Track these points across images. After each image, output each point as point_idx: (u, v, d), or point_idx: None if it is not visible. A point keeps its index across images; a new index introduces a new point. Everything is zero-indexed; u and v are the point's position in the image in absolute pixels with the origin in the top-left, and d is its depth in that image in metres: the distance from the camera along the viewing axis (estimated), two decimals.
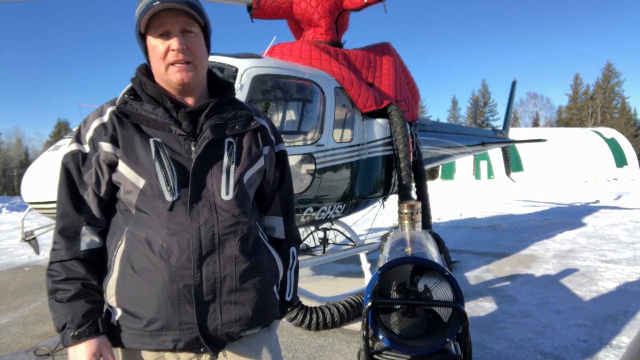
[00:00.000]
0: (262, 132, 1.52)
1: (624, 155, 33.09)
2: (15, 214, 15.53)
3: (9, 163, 53.47)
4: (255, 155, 1.46)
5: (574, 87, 60.40)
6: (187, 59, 1.34)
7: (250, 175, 1.45)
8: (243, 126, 1.46)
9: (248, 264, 1.37)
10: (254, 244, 1.42)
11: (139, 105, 1.38)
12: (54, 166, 3.73)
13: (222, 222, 1.33)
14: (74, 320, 1.30)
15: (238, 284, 1.35)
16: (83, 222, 1.36)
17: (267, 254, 1.48)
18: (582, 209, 14.09)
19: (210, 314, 1.32)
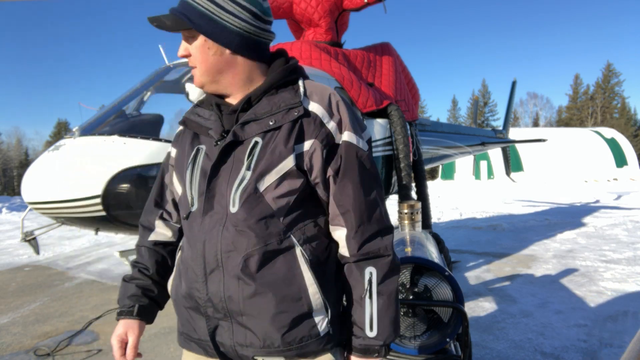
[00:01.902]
0: (307, 122, 1.23)
1: (624, 155, 33.09)
2: (15, 214, 15.52)
3: (9, 163, 53.46)
4: (280, 155, 1.20)
5: (574, 87, 60.41)
6: (192, 64, 1.29)
7: (271, 182, 1.21)
8: (279, 119, 1.23)
9: (254, 287, 1.20)
10: (267, 262, 1.21)
11: (201, 111, 1.37)
12: (54, 166, 3.73)
13: (226, 237, 1.21)
14: (120, 299, 1.44)
15: (243, 307, 1.21)
16: (157, 217, 1.49)
17: (289, 274, 1.22)
18: (582, 209, 14.09)
19: (224, 331, 1.25)
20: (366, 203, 1.25)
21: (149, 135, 3.91)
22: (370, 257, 1.25)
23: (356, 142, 1.25)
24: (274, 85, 1.28)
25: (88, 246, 8.92)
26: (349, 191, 1.24)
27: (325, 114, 1.25)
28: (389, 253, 1.26)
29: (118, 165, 3.56)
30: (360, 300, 1.25)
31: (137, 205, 3.68)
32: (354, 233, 1.24)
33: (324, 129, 1.23)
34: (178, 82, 4.68)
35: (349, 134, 1.25)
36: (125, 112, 4.43)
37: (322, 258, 1.27)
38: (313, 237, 1.26)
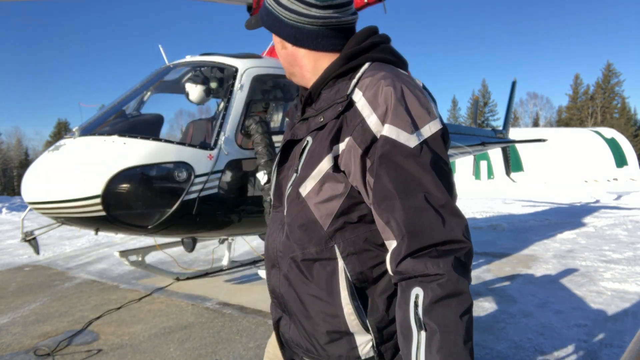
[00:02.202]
0: (348, 118, 1.08)
1: (624, 155, 33.09)
2: (15, 214, 15.51)
3: (9, 163, 53.46)
4: (318, 157, 1.10)
5: (574, 87, 60.43)
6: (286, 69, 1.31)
7: (311, 187, 1.11)
8: (327, 116, 1.12)
9: (295, 292, 1.18)
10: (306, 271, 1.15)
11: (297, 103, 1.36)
12: (54, 166, 3.73)
13: (280, 237, 1.20)
14: None
15: (292, 307, 1.21)
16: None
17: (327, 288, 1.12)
18: (582, 209, 14.08)
19: (284, 323, 1.28)
20: (412, 208, 0.99)
21: (149, 135, 3.91)
22: (415, 275, 0.98)
23: (396, 137, 1.02)
24: (329, 78, 1.17)
25: (88, 246, 8.92)
26: (387, 194, 1.02)
27: (367, 106, 1.06)
28: (443, 273, 0.95)
29: (118, 165, 3.56)
30: (407, 331, 0.98)
31: (137, 205, 3.68)
32: (399, 245, 1.01)
33: (362, 124, 1.05)
34: (178, 82, 4.68)
35: (389, 128, 1.02)
36: (125, 112, 4.43)
37: (369, 275, 1.11)
38: (361, 251, 1.10)
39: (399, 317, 1.01)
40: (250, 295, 5.25)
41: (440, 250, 0.98)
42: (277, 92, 5.07)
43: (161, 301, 5.13)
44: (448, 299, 0.95)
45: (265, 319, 4.41)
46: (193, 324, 4.36)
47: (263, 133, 4.00)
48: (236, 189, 4.19)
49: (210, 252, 7.08)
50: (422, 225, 0.98)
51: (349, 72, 1.15)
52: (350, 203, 1.09)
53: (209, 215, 4.03)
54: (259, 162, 3.93)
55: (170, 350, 3.75)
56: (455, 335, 0.93)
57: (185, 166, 3.79)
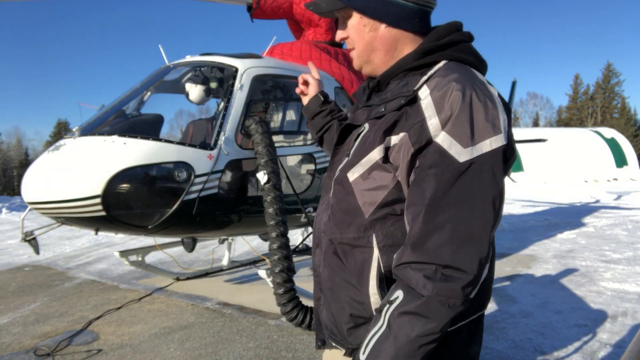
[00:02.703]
0: (409, 113, 1.06)
1: (624, 155, 33.06)
2: (15, 214, 15.51)
3: (9, 163, 53.44)
4: (370, 146, 1.10)
5: (574, 87, 60.39)
6: (351, 46, 1.24)
7: (359, 173, 1.12)
8: (389, 107, 1.11)
9: (328, 273, 1.22)
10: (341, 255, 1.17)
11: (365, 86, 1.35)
12: (54, 166, 3.72)
13: (325, 217, 1.24)
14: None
15: (325, 288, 1.25)
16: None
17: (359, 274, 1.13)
18: (582, 209, 14.08)
19: (320, 303, 1.31)
20: (431, 224, 0.98)
21: (149, 135, 3.90)
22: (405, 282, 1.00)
23: (448, 148, 0.98)
24: (400, 70, 1.15)
25: (88, 246, 8.92)
26: (416, 200, 1.01)
27: (431, 106, 1.02)
28: (425, 295, 0.95)
29: (118, 165, 3.56)
30: (378, 315, 1.04)
31: (137, 205, 3.68)
32: (402, 248, 1.04)
33: (421, 124, 1.02)
34: (178, 82, 4.68)
35: (444, 137, 0.99)
36: (125, 112, 4.43)
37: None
38: (398, 245, 1.09)
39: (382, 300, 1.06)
40: (250, 295, 5.25)
41: (438, 271, 0.96)
42: (277, 92, 5.07)
43: (161, 301, 5.13)
44: (412, 316, 0.96)
45: (265, 319, 4.41)
46: (193, 324, 4.36)
47: (263, 133, 3.99)
48: (236, 189, 4.19)
49: (210, 252, 7.08)
50: (432, 244, 0.97)
51: (421, 68, 1.13)
52: (396, 196, 1.09)
53: (209, 215, 4.03)
54: (259, 162, 3.92)
55: (170, 350, 3.75)
56: (403, 350, 0.96)
57: (185, 166, 3.79)
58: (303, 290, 4.13)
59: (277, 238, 3.65)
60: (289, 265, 3.59)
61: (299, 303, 3.54)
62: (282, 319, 4.17)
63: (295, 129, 5.13)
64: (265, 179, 3.79)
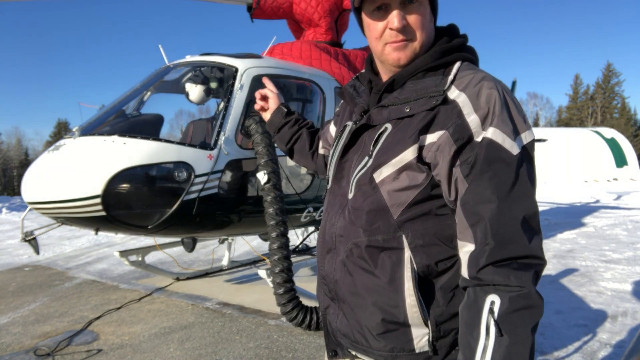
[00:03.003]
0: (442, 112, 1.06)
1: (624, 155, 33.05)
2: (15, 214, 15.51)
3: (9, 163, 53.43)
4: (402, 145, 1.07)
5: (574, 87, 60.41)
6: (407, 37, 1.12)
7: (388, 173, 1.09)
8: (416, 107, 1.09)
9: (353, 278, 1.15)
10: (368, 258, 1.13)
11: (357, 83, 1.33)
12: (54, 166, 3.73)
13: (341, 221, 1.18)
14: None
15: (345, 295, 1.19)
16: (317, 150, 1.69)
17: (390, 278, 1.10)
18: (582, 209, 14.08)
19: (331, 312, 1.26)
20: (506, 217, 0.98)
21: (149, 135, 3.90)
22: (496, 283, 0.96)
23: (502, 142, 1.01)
24: (421, 68, 1.14)
25: (88, 246, 8.91)
26: (484, 197, 0.99)
27: (469, 105, 1.04)
28: (523, 285, 0.95)
29: (118, 165, 3.56)
30: (474, 335, 0.97)
31: (137, 205, 3.68)
32: (482, 250, 0.99)
33: (460, 121, 1.03)
34: (178, 82, 4.68)
35: (494, 131, 1.01)
36: (125, 112, 4.43)
37: (434, 269, 1.10)
38: (431, 244, 1.08)
39: (466, 319, 1.00)
40: (250, 295, 5.25)
41: (521, 263, 0.97)
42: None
43: (161, 301, 5.13)
44: (523, 311, 0.95)
45: (265, 319, 4.41)
46: (193, 324, 4.36)
47: (263, 133, 3.99)
48: (236, 189, 4.19)
49: (210, 252, 7.08)
50: (511, 237, 0.98)
51: (439, 68, 1.13)
52: (426, 195, 1.08)
53: (209, 215, 4.03)
54: (259, 162, 3.92)
55: (170, 350, 3.75)
56: (523, 346, 0.94)
57: (185, 166, 3.79)
58: (303, 290, 4.13)
59: (277, 238, 3.65)
60: (289, 265, 3.60)
61: (299, 303, 3.54)
62: (282, 319, 4.18)
63: None
64: (265, 179, 3.79)
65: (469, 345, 0.99)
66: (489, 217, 0.99)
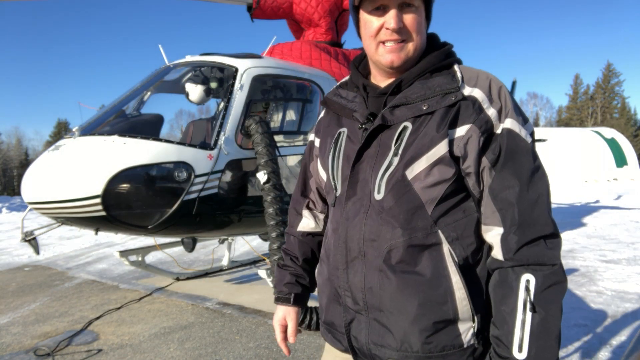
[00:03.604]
0: (464, 107, 1.11)
1: (624, 155, 33.05)
2: (15, 214, 15.52)
3: (9, 163, 53.44)
4: (430, 142, 1.10)
5: (574, 87, 60.44)
6: (401, 37, 1.14)
7: (421, 169, 1.10)
8: (433, 104, 1.12)
9: (396, 282, 1.12)
10: (411, 257, 1.11)
11: (344, 92, 1.31)
12: (54, 166, 3.73)
13: (369, 225, 1.14)
14: (278, 284, 1.49)
15: (383, 301, 1.14)
16: (304, 205, 1.50)
17: (434, 273, 1.11)
18: (582, 209, 14.08)
19: (360, 325, 1.19)
20: (530, 200, 1.08)
21: (149, 135, 3.91)
22: (531, 263, 1.06)
23: (518, 131, 1.11)
24: (428, 69, 1.18)
25: (88, 246, 8.91)
26: (510, 183, 1.08)
27: (486, 99, 1.12)
28: (555, 262, 1.07)
29: (118, 165, 3.56)
30: (511, 312, 1.06)
31: (137, 205, 3.68)
32: (513, 233, 1.07)
33: (483, 115, 1.10)
34: (178, 82, 4.68)
35: (511, 122, 1.11)
36: (125, 112, 4.43)
37: (472, 261, 1.14)
38: (464, 236, 1.13)
39: (501, 297, 1.08)
40: (250, 295, 5.25)
41: (549, 241, 1.08)
42: (277, 92, 5.07)
43: (161, 301, 5.13)
44: (555, 286, 1.07)
45: (265, 319, 4.41)
46: (193, 324, 4.36)
47: (263, 133, 4.00)
48: (236, 189, 4.19)
49: (210, 252, 7.08)
50: (537, 217, 1.08)
51: (442, 69, 1.19)
52: (453, 189, 1.12)
53: (209, 215, 4.03)
54: (259, 162, 3.92)
55: (170, 350, 3.75)
56: (555, 317, 1.07)
57: (185, 166, 3.79)
58: None
59: (277, 238, 3.66)
60: None
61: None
62: None
63: (295, 129, 5.13)
64: (265, 178, 3.80)
65: (505, 321, 1.07)
66: (517, 201, 1.08)
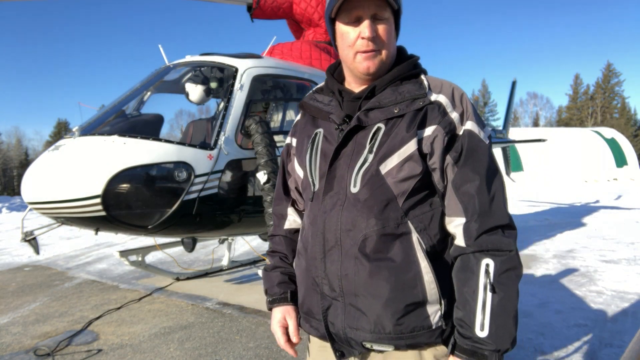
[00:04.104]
0: (430, 110, 1.25)
1: (624, 155, 33.07)
2: (15, 214, 15.53)
3: (9, 163, 53.44)
4: (401, 140, 1.22)
5: (574, 87, 60.45)
6: (375, 47, 1.27)
7: (393, 165, 1.22)
8: (403, 107, 1.26)
9: (369, 267, 1.21)
10: (383, 245, 1.22)
11: (319, 97, 1.43)
12: (54, 166, 3.73)
13: (345, 216, 1.24)
14: (269, 288, 1.49)
15: (358, 287, 1.23)
16: (289, 204, 1.55)
17: (405, 260, 1.21)
18: (582, 209, 14.08)
19: (336, 311, 1.28)
20: (489, 193, 1.22)
21: (149, 135, 3.91)
22: (490, 249, 1.19)
23: (478, 133, 1.25)
24: (398, 77, 1.31)
25: (88, 246, 8.92)
26: (470, 178, 1.22)
27: (449, 104, 1.26)
28: (511, 249, 1.19)
29: (118, 165, 3.56)
30: (473, 294, 1.17)
31: (137, 205, 3.68)
32: (473, 222, 1.20)
33: (447, 117, 1.24)
34: (178, 82, 4.68)
35: (472, 124, 1.25)
36: (125, 112, 4.43)
37: (438, 249, 1.25)
38: (430, 227, 1.25)
39: (463, 283, 1.20)
40: (250, 295, 5.25)
41: (506, 231, 1.21)
42: (277, 92, 5.07)
43: (161, 301, 5.13)
44: (512, 271, 1.18)
45: (265, 319, 4.41)
46: (193, 324, 4.36)
47: (263, 133, 4.00)
48: (236, 189, 4.19)
49: (210, 252, 7.08)
50: (495, 209, 1.21)
51: (411, 77, 1.33)
52: (421, 184, 1.24)
53: (209, 215, 4.03)
54: (259, 162, 3.92)
55: (170, 350, 3.75)
56: (513, 298, 1.17)
57: (185, 166, 3.79)
58: None
59: None
60: None
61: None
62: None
63: None
64: (265, 178, 3.80)
65: (467, 302, 1.18)
66: (477, 193, 1.21)
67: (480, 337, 1.15)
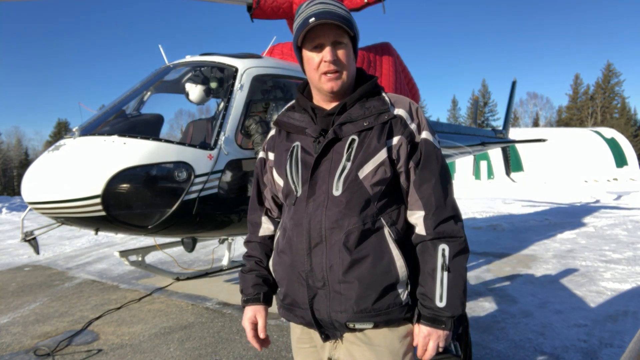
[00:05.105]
0: (394, 123, 1.51)
1: (624, 155, 33.08)
2: (15, 214, 15.53)
3: (9, 163, 53.45)
4: (374, 149, 1.46)
5: (574, 87, 60.44)
6: (337, 68, 1.48)
7: (369, 170, 1.45)
8: (372, 121, 1.49)
9: (351, 258, 1.43)
10: (363, 239, 1.44)
11: (293, 114, 1.62)
12: (54, 166, 3.73)
13: (329, 216, 1.44)
14: (245, 289, 1.68)
15: (342, 275, 1.44)
16: (263, 213, 1.72)
17: (380, 250, 1.45)
18: (582, 209, 14.08)
19: (321, 299, 1.47)
20: (442, 191, 1.49)
21: (149, 135, 3.90)
22: (445, 236, 1.46)
23: (432, 140, 1.52)
24: (364, 95, 1.54)
25: (88, 246, 8.92)
26: (428, 178, 1.48)
27: (408, 117, 1.52)
28: (461, 235, 1.48)
29: (118, 165, 3.56)
30: (432, 273, 1.44)
31: (137, 205, 3.68)
32: (431, 214, 1.46)
33: (407, 129, 1.50)
34: (178, 82, 4.68)
35: (427, 134, 1.52)
36: (125, 112, 4.43)
37: (404, 238, 1.50)
38: (397, 221, 1.50)
39: (424, 264, 1.47)
40: None
41: (457, 220, 1.49)
42: (277, 92, 5.07)
43: (161, 301, 5.13)
44: (463, 253, 1.48)
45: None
46: (193, 324, 4.36)
47: (263, 133, 3.99)
48: (236, 189, 4.19)
49: (210, 252, 7.08)
50: (448, 203, 1.49)
51: (374, 94, 1.55)
52: (391, 187, 1.49)
53: (209, 215, 4.03)
54: None
55: (170, 350, 3.75)
56: (463, 275, 1.47)
57: (185, 166, 3.79)
58: None
59: None
60: None
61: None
62: (282, 319, 4.17)
63: None
64: None
65: (428, 279, 1.46)
66: (433, 191, 1.48)
67: (439, 307, 1.42)
